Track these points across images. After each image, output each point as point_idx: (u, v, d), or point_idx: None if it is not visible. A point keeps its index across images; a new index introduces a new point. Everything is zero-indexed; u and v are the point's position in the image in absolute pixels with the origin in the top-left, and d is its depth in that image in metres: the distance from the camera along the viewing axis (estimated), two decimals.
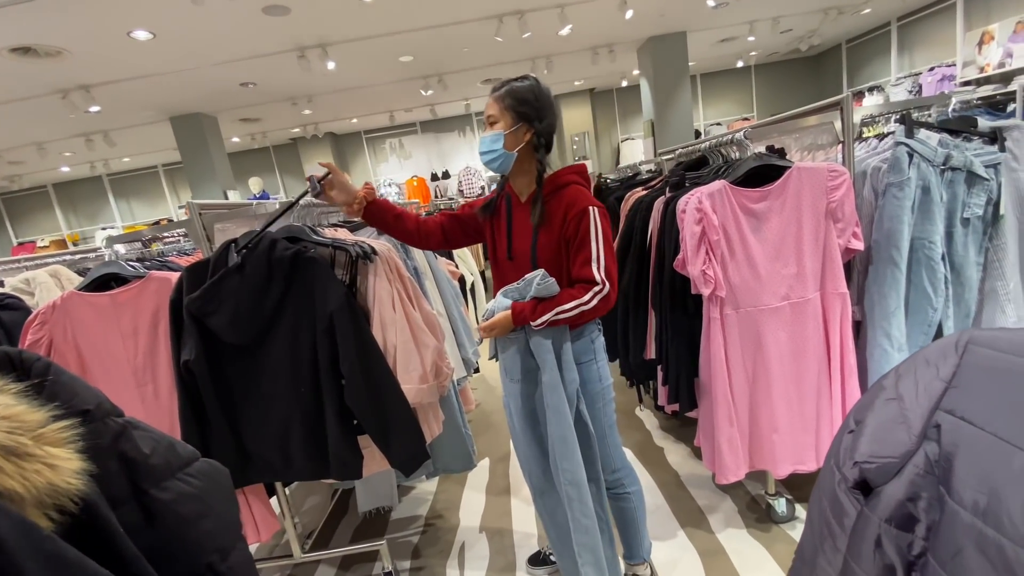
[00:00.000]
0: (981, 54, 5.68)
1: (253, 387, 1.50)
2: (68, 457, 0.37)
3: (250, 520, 1.66)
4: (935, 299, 1.57)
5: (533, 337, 1.32)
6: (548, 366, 1.30)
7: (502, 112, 1.34)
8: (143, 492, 0.43)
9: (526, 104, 1.33)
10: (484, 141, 1.38)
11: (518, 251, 1.40)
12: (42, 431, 0.37)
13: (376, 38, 4.72)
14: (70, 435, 0.38)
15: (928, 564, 0.52)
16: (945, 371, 0.54)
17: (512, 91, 1.34)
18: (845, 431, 0.62)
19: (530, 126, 1.35)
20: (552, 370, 1.30)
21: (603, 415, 1.44)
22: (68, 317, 1.50)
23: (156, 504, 0.43)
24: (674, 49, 6.15)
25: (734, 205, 1.56)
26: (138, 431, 0.44)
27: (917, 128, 1.58)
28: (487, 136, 1.37)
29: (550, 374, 1.30)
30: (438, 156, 9.34)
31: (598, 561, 1.38)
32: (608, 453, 1.46)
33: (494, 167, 1.38)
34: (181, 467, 0.45)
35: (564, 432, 1.31)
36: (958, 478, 0.49)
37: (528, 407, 1.39)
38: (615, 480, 1.50)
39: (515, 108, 1.33)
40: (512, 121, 1.34)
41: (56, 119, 5.51)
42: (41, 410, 0.38)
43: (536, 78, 1.38)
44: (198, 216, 1.59)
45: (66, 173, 8.57)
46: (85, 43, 3.82)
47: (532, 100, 1.34)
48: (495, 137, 1.35)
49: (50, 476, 0.35)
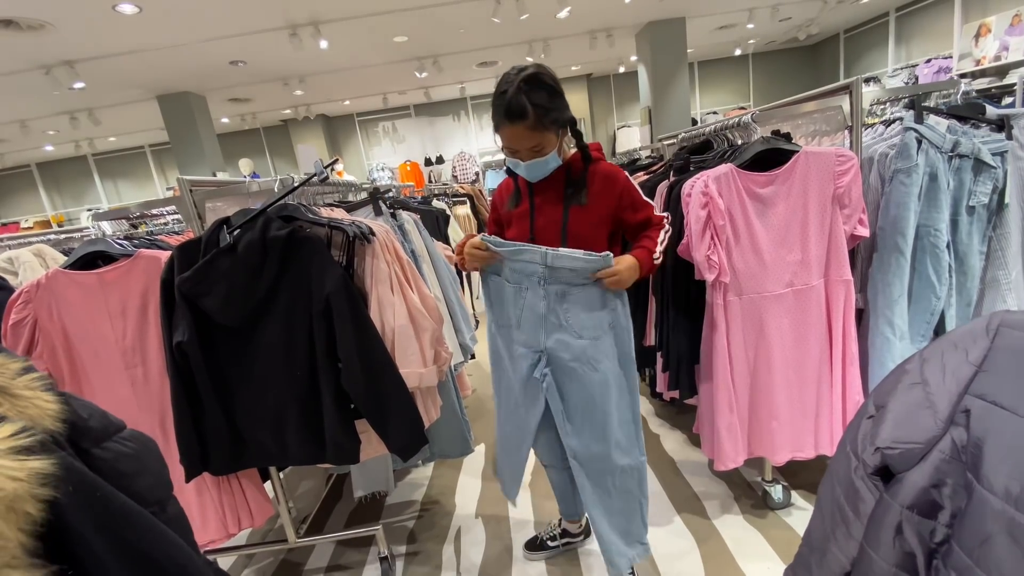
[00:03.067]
0: (978, 47, 5.67)
1: (247, 370, 1.47)
2: (49, 399, 0.42)
3: (244, 504, 1.64)
4: (939, 287, 1.57)
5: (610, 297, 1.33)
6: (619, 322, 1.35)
7: (546, 135, 1.23)
8: (85, 452, 0.46)
9: (558, 109, 1.23)
10: (538, 166, 1.28)
11: (541, 230, 1.35)
12: (22, 378, 0.42)
13: (370, 16, 4.62)
14: (44, 383, 0.43)
15: (951, 551, 0.50)
16: (975, 355, 0.52)
17: (543, 109, 1.19)
18: (863, 416, 0.60)
19: (564, 122, 1.28)
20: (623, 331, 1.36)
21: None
22: (53, 296, 1.45)
23: (98, 462, 0.46)
24: (673, 35, 6.09)
25: (740, 189, 1.54)
26: (74, 399, 0.48)
27: (927, 114, 1.56)
28: (540, 162, 1.27)
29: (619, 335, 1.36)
30: (432, 140, 9.23)
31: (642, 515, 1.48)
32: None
33: (540, 177, 1.33)
34: (116, 431, 0.49)
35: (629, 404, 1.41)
36: (988, 464, 0.47)
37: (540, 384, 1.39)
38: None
39: (554, 123, 1.23)
40: (555, 136, 1.26)
41: (39, 96, 5.35)
42: (16, 360, 0.43)
43: (540, 67, 1.23)
44: (189, 193, 1.54)
45: (50, 152, 8.37)
46: (69, 16, 3.69)
47: (559, 99, 1.24)
48: (552, 159, 1.28)
49: (36, 413, 0.40)
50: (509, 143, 1.25)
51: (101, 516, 0.42)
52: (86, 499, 0.41)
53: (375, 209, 1.97)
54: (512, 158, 1.29)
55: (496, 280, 1.40)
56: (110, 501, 0.43)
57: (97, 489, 0.43)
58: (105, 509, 0.43)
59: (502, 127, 1.22)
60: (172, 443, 1.48)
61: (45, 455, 0.38)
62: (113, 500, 0.44)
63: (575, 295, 1.30)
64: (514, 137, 1.22)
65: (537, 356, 1.37)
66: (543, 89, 1.19)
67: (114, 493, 0.44)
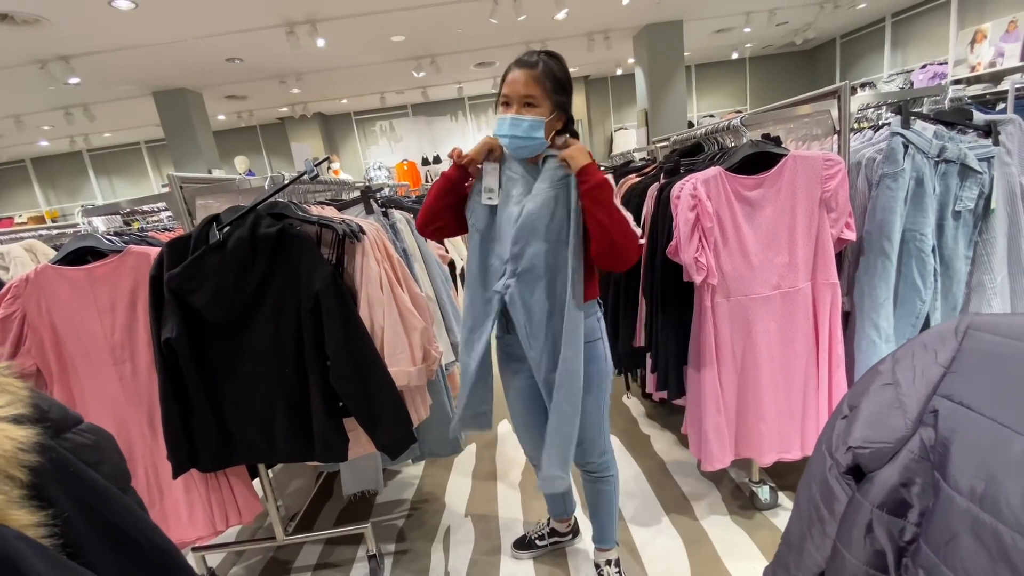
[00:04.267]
0: (973, 53, 5.71)
1: (236, 367, 1.47)
2: (19, 385, 0.44)
3: (232, 501, 1.64)
4: (924, 291, 1.58)
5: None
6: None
7: (544, 96, 1.21)
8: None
9: (564, 92, 1.24)
10: (521, 124, 1.22)
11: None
12: None
13: (367, 15, 4.61)
14: (12, 371, 0.44)
15: (920, 550, 0.51)
16: (944, 356, 0.53)
17: (552, 73, 1.22)
18: (838, 417, 0.61)
19: (563, 114, 1.27)
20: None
21: (602, 396, 1.43)
22: (42, 291, 1.45)
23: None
24: (670, 38, 6.11)
25: (728, 192, 1.55)
26: (34, 392, 0.49)
27: (913, 119, 1.58)
28: (526, 120, 1.21)
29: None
30: (429, 140, 9.22)
31: (566, 453, 1.33)
32: (600, 436, 1.46)
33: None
34: (75, 423, 0.50)
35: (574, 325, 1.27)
36: (955, 464, 0.48)
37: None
38: (603, 463, 1.50)
39: (556, 94, 1.23)
40: (551, 108, 1.24)
41: (34, 90, 5.33)
42: None
43: (558, 54, 1.27)
44: (179, 189, 1.54)
45: (45, 148, 8.33)
46: (64, 11, 3.67)
47: (568, 86, 1.25)
48: (535, 123, 1.22)
49: (9, 398, 0.42)
50: (509, 88, 1.25)
51: (77, 489, 0.43)
52: (62, 472, 0.42)
53: (366, 207, 1.97)
54: (503, 113, 1.26)
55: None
56: (82, 476, 0.45)
57: (69, 465, 0.44)
58: (80, 483, 0.44)
59: (510, 72, 1.25)
60: (160, 439, 1.48)
61: (30, 425, 0.40)
62: (84, 474, 0.45)
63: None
64: (516, 81, 1.23)
65: (503, 270, 1.30)
66: (560, 67, 1.25)
67: (85, 470, 0.45)
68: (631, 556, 1.74)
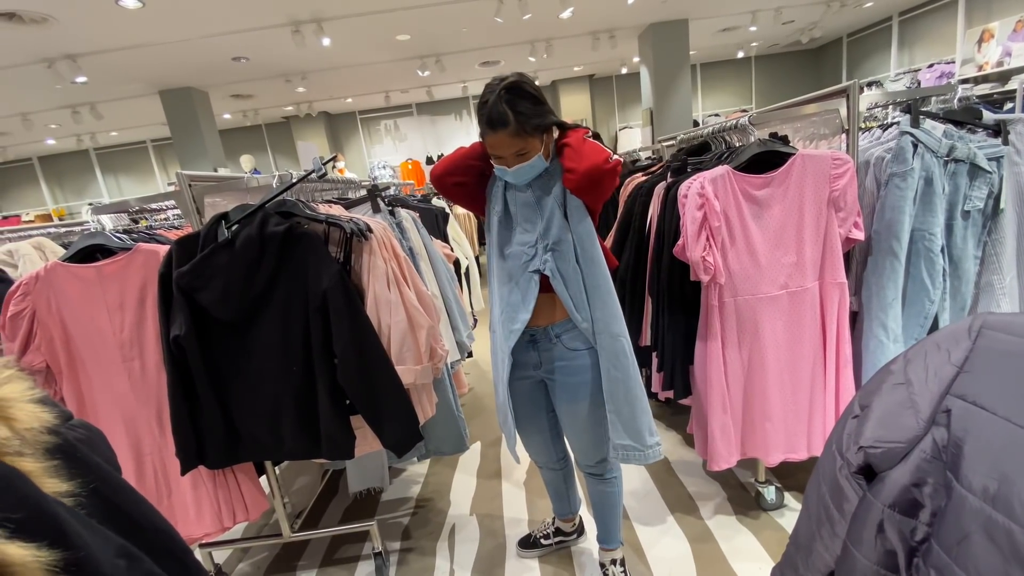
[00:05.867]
0: (980, 52, 5.67)
1: (244, 365, 1.47)
2: (23, 377, 0.44)
3: (239, 498, 1.65)
4: (933, 291, 1.57)
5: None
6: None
7: (530, 139, 1.23)
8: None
9: (540, 112, 1.23)
10: (525, 171, 1.27)
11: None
12: None
13: (373, 14, 4.62)
14: (13, 371, 0.44)
15: (931, 550, 0.51)
16: (957, 355, 0.52)
17: (524, 115, 1.19)
18: (849, 416, 0.61)
19: (550, 127, 1.28)
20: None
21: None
22: (52, 288, 1.46)
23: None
24: (675, 36, 6.09)
25: (736, 191, 1.55)
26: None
27: (923, 118, 1.57)
28: (525, 167, 1.26)
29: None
30: (434, 139, 9.23)
31: (630, 420, 1.38)
32: (604, 438, 1.45)
33: (531, 176, 1.31)
34: (66, 419, 0.50)
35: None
36: (967, 463, 0.48)
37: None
38: (607, 464, 1.50)
39: (536, 126, 1.23)
40: (540, 140, 1.26)
41: (42, 89, 5.36)
42: None
43: (522, 75, 1.21)
44: (188, 188, 1.55)
45: (52, 146, 8.38)
46: (72, 10, 3.70)
47: (540, 99, 1.24)
48: (536, 163, 1.26)
49: (31, 385, 0.43)
50: (494, 150, 1.26)
51: (83, 471, 0.45)
52: (71, 455, 0.44)
53: (373, 206, 1.98)
54: (499, 164, 1.29)
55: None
56: (88, 460, 0.47)
57: (76, 449, 0.46)
58: (87, 467, 0.46)
59: (486, 135, 1.24)
60: (168, 436, 1.49)
61: (47, 407, 0.42)
62: (89, 458, 0.47)
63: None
64: (498, 144, 1.23)
65: (534, 251, 1.35)
66: (524, 97, 1.20)
67: (88, 454, 0.47)
68: (636, 556, 1.74)
